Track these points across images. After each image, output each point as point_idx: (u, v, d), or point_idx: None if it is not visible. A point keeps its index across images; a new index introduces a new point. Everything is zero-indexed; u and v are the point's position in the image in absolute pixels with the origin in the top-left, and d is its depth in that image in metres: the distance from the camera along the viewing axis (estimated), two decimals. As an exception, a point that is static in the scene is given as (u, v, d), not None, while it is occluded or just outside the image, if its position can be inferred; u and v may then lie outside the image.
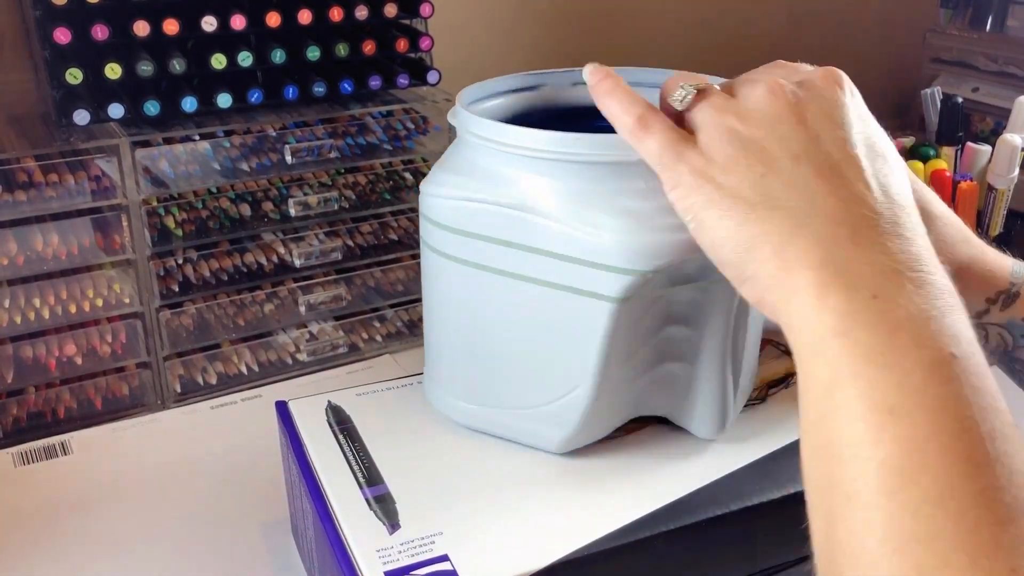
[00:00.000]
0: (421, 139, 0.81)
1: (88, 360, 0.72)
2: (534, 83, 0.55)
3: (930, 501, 0.30)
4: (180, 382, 0.76)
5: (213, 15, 0.72)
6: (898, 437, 0.31)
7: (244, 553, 0.58)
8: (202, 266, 0.75)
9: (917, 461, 0.30)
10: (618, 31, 1.07)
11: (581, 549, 0.44)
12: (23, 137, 0.72)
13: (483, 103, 0.52)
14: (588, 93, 0.52)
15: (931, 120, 0.90)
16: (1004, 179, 0.79)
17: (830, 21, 1.20)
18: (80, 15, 0.69)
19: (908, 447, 0.31)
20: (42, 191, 0.68)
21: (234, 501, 0.63)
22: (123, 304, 0.72)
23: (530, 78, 0.55)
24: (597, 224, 0.44)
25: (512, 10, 1.00)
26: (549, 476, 0.49)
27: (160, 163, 0.72)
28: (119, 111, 0.70)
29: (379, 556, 0.43)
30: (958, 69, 1.10)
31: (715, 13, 1.11)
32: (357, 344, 0.82)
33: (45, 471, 0.66)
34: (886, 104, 1.22)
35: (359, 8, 0.77)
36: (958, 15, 1.11)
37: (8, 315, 0.68)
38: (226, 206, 0.75)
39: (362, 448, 0.51)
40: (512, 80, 0.54)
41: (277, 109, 0.77)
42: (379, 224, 0.82)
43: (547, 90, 0.55)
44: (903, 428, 0.31)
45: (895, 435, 0.31)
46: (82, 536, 0.59)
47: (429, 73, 0.81)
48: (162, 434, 0.71)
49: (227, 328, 0.77)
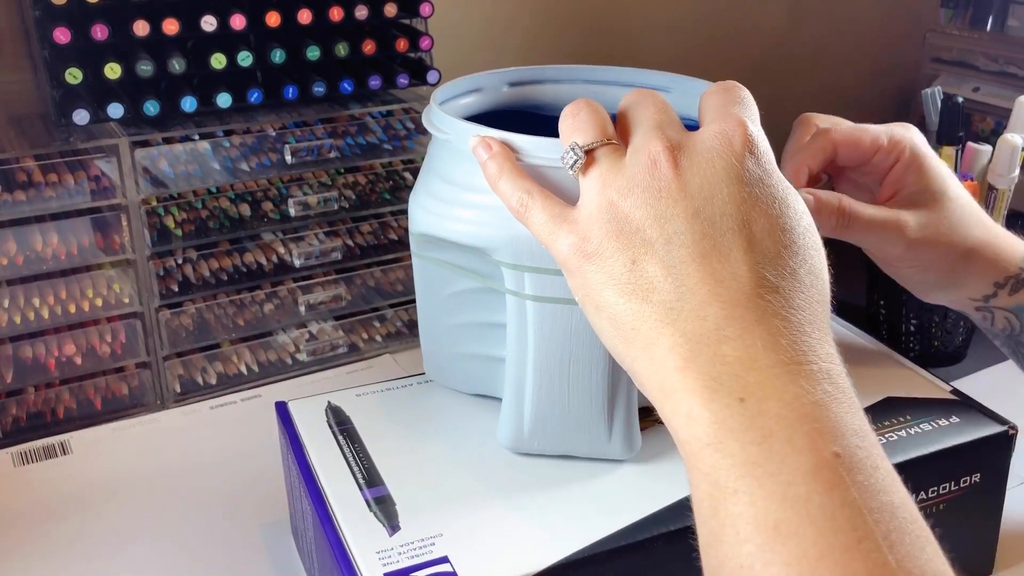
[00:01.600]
0: (421, 139, 0.81)
1: (88, 360, 0.72)
2: (479, 85, 0.56)
3: None
4: (180, 382, 0.76)
5: (213, 15, 0.71)
6: (788, 560, 0.28)
7: (244, 553, 0.58)
8: (202, 266, 0.75)
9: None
10: (618, 30, 1.07)
11: (581, 550, 0.44)
12: (22, 137, 0.72)
13: (454, 102, 0.53)
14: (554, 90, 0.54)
15: (931, 120, 0.90)
16: (1005, 179, 0.79)
17: (830, 21, 1.20)
18: (80, 15, 0.69)
19: (800, 570, 0.28)
20: (41, 191, 0.68)
21: (234, 501, 0.63)
22: (123, 304, 0.72)
23: (471, 80, 0.55)
24: None
25: (512, 10, 1.00)
26: (549, 476, 0.49)
27: (160, 163, 0.72)
28: (119, 111, 0.70)
29: (379, 557, 0.43)
30: (958, 69, 1.10)
31: (715, 13, 1.11)
32: (357, 344, 0.82)
33: (45, 471, 0.66)
34: (886, 104, 1.22)
35: (359, 8, 0.77)
36: (958, 15, 1.11)
37: (7, 315, 0.68)
38: (226, 206, 0.75)
39: (362, 449, 0.51)
40: (464, 82, 0.55)
41: (277, 109, 0.77)
42: (379, 224, 0.82)
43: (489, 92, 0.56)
44: (792, 548, 0.28)
45: (785, 557, 0.28)
46: (82, 536, 0.59)
47: (429, 73, 0.81)
48: (162, 434, 0.71)
49: (227, 328, 0.77)
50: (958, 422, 0.52)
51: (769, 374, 0.32)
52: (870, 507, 0.29)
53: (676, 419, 0.33)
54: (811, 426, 0.31)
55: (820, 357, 0.33)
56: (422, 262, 0.52)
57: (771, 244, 0.35)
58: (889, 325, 0.81)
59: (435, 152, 0.50)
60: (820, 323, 0.34)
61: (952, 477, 0.51)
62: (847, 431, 0.31)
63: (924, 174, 0.52)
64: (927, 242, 0.51)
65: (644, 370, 0.35)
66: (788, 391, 0.31)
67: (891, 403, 0.54)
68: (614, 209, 0.37)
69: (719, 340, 0.33)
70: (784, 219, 0.36)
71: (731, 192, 0.36)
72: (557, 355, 0.46)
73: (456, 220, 0.47)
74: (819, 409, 0.31)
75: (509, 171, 0.42)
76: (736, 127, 0.37)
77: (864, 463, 0.30)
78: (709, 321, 0.33)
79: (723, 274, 0.34)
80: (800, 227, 0.36)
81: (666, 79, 0.55)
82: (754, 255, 0.34)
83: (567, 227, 0.38)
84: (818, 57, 1.20)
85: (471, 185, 0.46)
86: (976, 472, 0.52)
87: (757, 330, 0.33)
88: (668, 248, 0.35)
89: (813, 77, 1.17)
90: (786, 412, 0.31)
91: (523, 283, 0.45)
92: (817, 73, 1.19)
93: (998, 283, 0.53)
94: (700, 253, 0.35)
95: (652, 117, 0.39)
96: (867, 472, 0.30)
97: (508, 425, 0.49)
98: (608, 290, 0.36)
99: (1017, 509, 0.58)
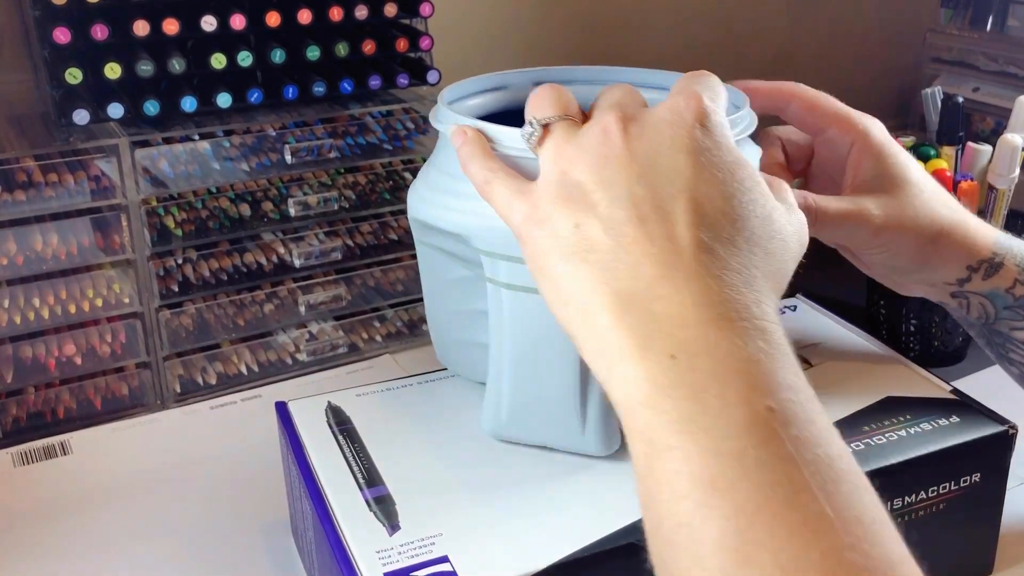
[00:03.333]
0: (421, 139, 0.81)
1: (88, 360, 0.72)
2: (506, 83, 0.57)
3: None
4: (180, 382, 0.76)
5: (213, 15, 0.72)
6: (726, 513, 0.28)
7: (244, 553, 0.58)
8: (202, 266, 0.75)
9: (751, 537, 0.28)
10: (618, 30, 1.07)
11: (581, 550, 0.44)
12: (22, 137, 0.72)
13: (464, 102, 0.54)
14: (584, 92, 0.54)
15: (931, 120, 0.90)
16: (1004, 179, 0.79)
17: (830, 21, 1.20)
18: (80, 15, 0.69)
19: (738, 523, 0.28)
20: (41, 191, 0.68)
21: (234, 501, 0.63)
22: (123, 304, 0.72)
23: (502, 77, 0.57)
24: None
25: (512, 10, 1.00)
26: (549, 476, 0.49)
27: (160, 163, 0.72)
28: (119, 111, 0.70)
29: (379, 557, 0.43)
30: (958, 69, 1.10)
31: (715, 13, 1.11)
32: (357, 344, 0.82)
33: (45, 471, 0.66)
34: (886, 104, 1.22)
35: (359, 8, 0.77)
36: (958, 15, 1.11)
37: (7, 315, 0.68)
38: (226, 206, 0.75)
39: (362, 449, 0.51)
40: (488, 80, 0.56)
41: (277, 109, 0.77)
42: (379, 224, 0.82)
43: (516, 90, 0.56)
44: (729, 502, 0.28)
45: (722, 511, 0.28)
46: (82, 536, 0.59)
47: (429, 73, 0.81)
48: (162, 434, 0.71)
49: (227, 328, 0.77)
50: (958, 422, 0.52)
51: (700, 331, 0.32)
52: (805, 459, 0.29)
53: (611, 380, 0.34)
54: (743, 381, 0.31)
55: (754, 315, 0.33)
56: (423, 249, 0.53)
57: (711, 210, 0.36)
58: (889, 325, 0.81)
59: (438, 143, 0.52)
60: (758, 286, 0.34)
61: (952, 477, 0.51)
62: (781, 386, 0.31)
63: (882, 159, 0.52)
64: (892, 227, 0.51)
65: (580, 332, 0.35)
66: (720, 347, 0.32)
67: (891, 403, 0.54)
68: (564, 177, 0.38)
69: (651, 299, 0.33)
70: (727, 187, 0.36)
71: (676, 160, 0.36)
72: (530, 344, 0.47)
73: (443, 208, 0.48)
74: (752, 365, 0.31)
75: (479, 155, 0.44)
76: (690, 100, 0.38)
77: (798, 417, 0.31)
78: (641, 280, 0.34)
79: (658, 235, 0.35)
80: (745, 197, 0.37)
81: None
82: (693, 219, 0.35)
83: (522, 198, 0.40)
84: (818, 57, 1.20)
85: (454, 172, 0.47)
86: (976, 472, 0.52)
87: (688, 288, 0.33)
88: (610, 210, 0.36)
89: (813, 77, 1.16)
90: (718, 368, 0.31)
91: (498, 271, 0.46)
92: (817, 73, 1.18)
93: (971, 267, 0.53)
94: (639, 216, 0.35)
95: (614, 96, 0.41)
96: (801, 426, 0.30)
97: (488, 412, 0.50)
98: (553, 255, 0.37)
99: (1017, 509, 0.58)
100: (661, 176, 0.36)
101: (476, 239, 0.46)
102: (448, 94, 0.53)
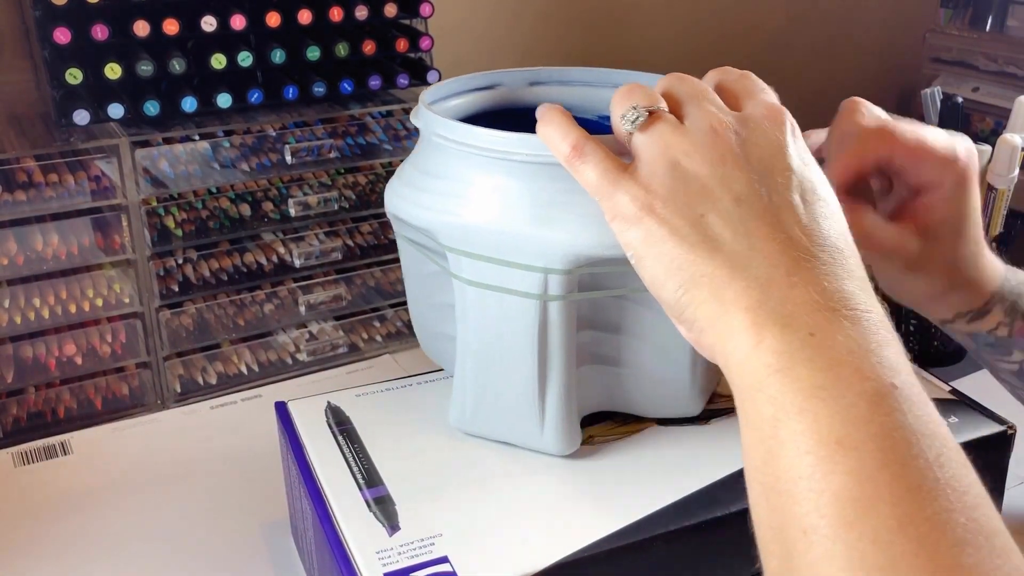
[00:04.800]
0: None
1: (88, 360, 0.72)
2: (492, 82, 0.57)
3: (889, 529, 0.30)
4: (180, 382, 0.76)
5: (213, 15, 0.72)
6: (849, 468, 0.31)
7: (244, 553, 0.58)
8: (202, 266, 0.75)
9: (871, 491, 0.31)
10: (618, 30, 1.07)
11: (581, 550, 0.44)
12: (23, 137, 0.72)
13: (446, 102, 0.54)
14: (544, 93, 0.54)
15: (931, 120, 0.90)
16: (1004, 179, 0.79)
17: (830, 21, 1.20)
18: (80, 15, 0.69)
19: (860, 477, 0.31)
20: (42, 191, 0.68)
21: (234, 501, 0.63)
22: (123, 304, 0.72)
23: (486, 77, 0.57)
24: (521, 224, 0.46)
25: (512, 10, 1.00)
26: (549, 477, 0.49)
27: (160, 163, 0.72)
28: (119, 111, 0.70)
29: (379, 558, 0.43)
30: (958, 69, 1.10)
31: (715, 13, 1.11)
32: (357, 344, 0.82)
33: (45, 471, 0.66)
34: (886, 104, 1.23)
35: (359, 8, 0.77)
36: (958, 15, 1.11)
37: (8, 315, 0.69)
38: (226, 206, 0.75)
39: (362, 449, 0.51)
40: (471, 80, 0.56)
41: (277, 109, 0.77)
42: (379, 224, 0.82)
43: (504, 89, 0.56)
44: (853, 459, 0.31)
45: (846, 467, 0.31)
46: (82, 536, 0.60)
47: (429, 73, 0.81)
48: (162, 434, 0.71)
49: (227, 328, 0.77)
50: (957, 422, 0.52)
51: (835, 316, 0.35)
52: (922, 433, 0.32)
53: (741, 351, 0.36)
54: (874, 360, 0.34)
55: (874, 310, 0.36)
56: (402, 243, 0.54)
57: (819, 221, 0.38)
58: (889, 325, 0.81)
59: (418, 142, 0.52)
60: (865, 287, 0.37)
61: (951, 477, 0.51)
62: (902, 371, 0.34)
63: (962, 217, 0.50)
64: (922, 272, 0.51)
65: (709, 314, 0.37)
66: (854, 330, 0.35)
67: (890, 403, 0.54)
68: (678, 168, 0.39)
69: (789, 285, 0.36)
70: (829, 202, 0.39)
71: (786, 169, 0.39)
72: (491, 340, 0.48)
73: (414, 204, 0.49)
74: (880, 347, 0.35)
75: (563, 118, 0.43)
76: (782, 114, 0.41)
77: (918, 398, 0.34)
78: (779, 269, 0.36)
79: (783, 236, 0.37)
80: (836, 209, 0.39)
81: None
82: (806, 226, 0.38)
83: (628, 179, 0.40)
84: (818, 57, 1.20)
85: (427, 169, 0.48)
86: (975, 472, 0.52)
87: (814, 283, 0.36)
88: (736, 207, 0.38)
89: (813, 77, 1.17)
90: (853, 346, 0.34)
91: (462, 267, 0.47)
92: (817, 73, 1.19)
93: (960, 313, 0.53)
94: (763, 216, 0.37)
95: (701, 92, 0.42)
96: (920, 406, 0.33)
97: (455, 405, 0.51)
98: (670, 242, 0.38)
99: (1016, 509, 0.58)
100: (772, 182, 0.38)
101: (441, 235, 0.47)
102: (429, 95, 0.53)
